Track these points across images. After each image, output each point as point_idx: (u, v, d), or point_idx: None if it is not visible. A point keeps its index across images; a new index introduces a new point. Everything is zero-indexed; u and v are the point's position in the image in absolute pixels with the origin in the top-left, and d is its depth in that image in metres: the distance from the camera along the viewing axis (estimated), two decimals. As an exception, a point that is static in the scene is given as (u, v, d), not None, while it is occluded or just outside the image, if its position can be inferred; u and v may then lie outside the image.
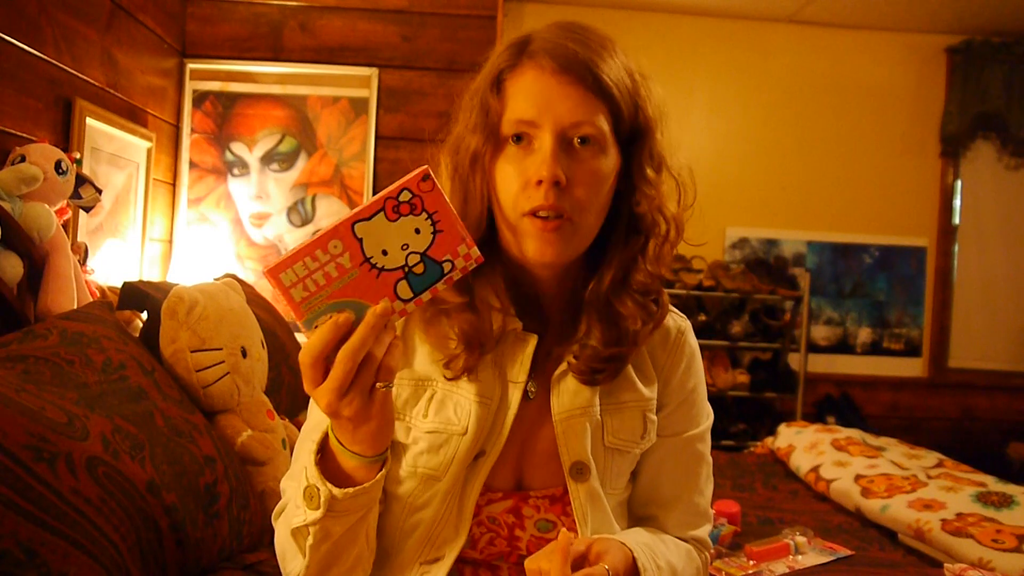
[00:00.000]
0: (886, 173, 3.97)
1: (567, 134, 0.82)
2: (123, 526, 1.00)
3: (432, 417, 0.87)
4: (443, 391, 0.87)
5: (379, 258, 0.66)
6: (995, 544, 1.52)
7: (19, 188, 1.49)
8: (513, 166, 0.83)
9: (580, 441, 0.88)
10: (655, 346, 0.94)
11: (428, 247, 0.67)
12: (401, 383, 0.87)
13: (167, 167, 2.66)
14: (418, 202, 0.66)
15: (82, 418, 1.04)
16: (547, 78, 0.82)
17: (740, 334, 3.63)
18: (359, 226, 0.65)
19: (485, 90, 0.85)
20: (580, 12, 3.77)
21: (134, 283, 1.62)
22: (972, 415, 4.01)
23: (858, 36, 3.94)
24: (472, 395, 0.86)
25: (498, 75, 0.85)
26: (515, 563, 0.90)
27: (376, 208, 0.65)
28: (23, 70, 1.73)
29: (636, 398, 0.92)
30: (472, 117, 0.86)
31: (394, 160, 2.77)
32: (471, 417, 0.86)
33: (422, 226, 0.67)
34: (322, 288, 0.65)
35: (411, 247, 0.67)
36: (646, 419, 0.92)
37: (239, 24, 2.75)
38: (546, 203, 0.80)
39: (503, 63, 0.85)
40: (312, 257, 0.63)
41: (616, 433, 0.90)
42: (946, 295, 4.03)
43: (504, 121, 0.84)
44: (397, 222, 0.66)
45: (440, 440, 0.86)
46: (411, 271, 0.68)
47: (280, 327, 2.03)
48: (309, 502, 0.74)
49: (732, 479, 2.23)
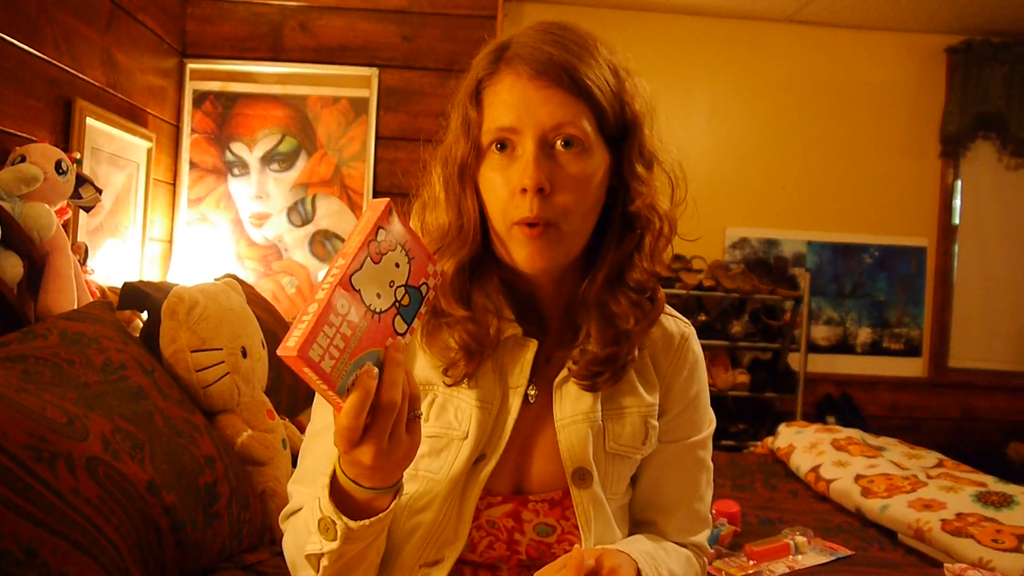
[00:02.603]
0: (886, 173, 3.97)
1: (548, 138, 0.81)
2: (123, 526, 1.00)
3: (433, 421, 0.87)
4: (444, 396, 0.88)
5: (376, 302, 0.67)
6: (995, 544, 1.52)
7: (19, 188, 1.49)
8: (499, 175, 0.83)
9: (583, 447, 0.87)
10: (658, 352, 0.94)
11: (408, 277, 0.69)
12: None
13: (167, 167, 2.66)
14: (391, 236, 0.68)
15: (82, 418, 1.04)
16: (524, 83, 0.81)
17: (740, 334, 3.63)
18: (355, 278, 0.65)
19: (465, 101, 0.86)
20: (580, 12, 3.77)
21: (134, 283, 1.62)
22: (972, 415, 4.00)
23: (858, 36, 3.94)
24: (473, 400, 0.87)
25: (476, 85, 0.85)
26: (514, 567, 0.90)
27: (363, 256, 0.66)
28: (23, 70, 1.73)
29: (638, 403, 0.91)
30: (457, 128, 0.87)
31: (394, 160, 2.77)
32: (472, 422, 0.86)
33: (400, 260, 0.69)
34: (343, 351, 0.64)
35: (396, 282, 0.69)
36: (647, 425, 0.92)
37: (239, 24, 2.75)
38: (531, 214, 0.80)
39: (481, 72, 0.85)
40: (328, 324, 0.62)
41: (617, 439, 0.90)
42: (946, 295, 4.03)
43: (484, 131, 0.84)
44: (380, 263, 0.67)
45: (441, 444, 0.87)
46: (400, 304, 0.69)
47: (280, 327, 2.03)
48: (325, 534, 0.74)
49: (732, 479, 2.23)
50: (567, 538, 0.89)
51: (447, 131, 0.90)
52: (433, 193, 0.90)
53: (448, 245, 0.87)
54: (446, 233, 0.88)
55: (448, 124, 0.90)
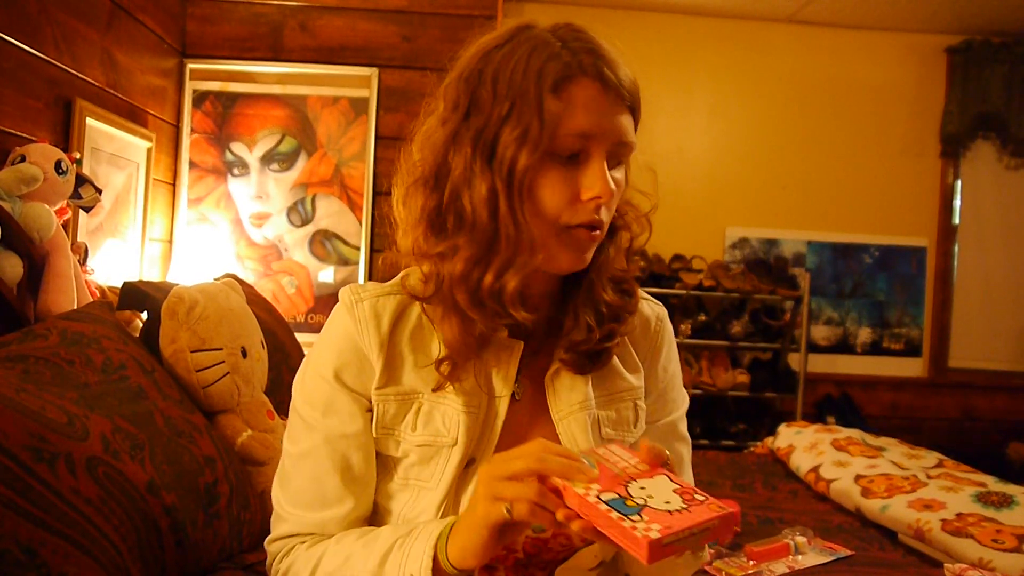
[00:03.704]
0: (886, 173, 3.97)
1: (612, 151, 0.82)
2: (123, 526, 1.00)
3: (421, 430, 0.86)
4: (430, 403, 0.87)
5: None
6: (995, 544, 1.52)
7: (19, 188, 1.49)
8: (563, 177, 0.81)
9: (584, 436, 0.88)
10: (637, 336, 0.97)
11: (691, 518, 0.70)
12: (387, 399, 0.87)
13: (167, 167, 2.66)
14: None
15: (82, 418, 1.04)
16: (601, 94, 0.80)
17: (740, 334, 3.63)
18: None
19: (539, 95, 0.79)
20: (580, 12, 3.77)
21: (134, 283, 1.62)
22: (972, 415, 4.01)
23: (858, 36, 3.94)
24: (460, 405, 0.86)
25: (553, 82, 0.80)
26: (511, 566, 0.90)
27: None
28: (23, 70, 1.73)
29: (627, 387, 0.94)
30: (519, 122, 0.79)
31: (394, 160, 2.76)
32: (460, 428, 0.85)
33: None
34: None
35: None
36: (637, 407, 0.95)
37: (239, 24, 2.75)
38: (596, 218, 0.82)
39: (560, 72, 0.80)
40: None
41: (611, 424, 0.92)
42: (946, 295, 4.03)
43: (563, 132, 0.79)
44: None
45: (431, 453, 0.86)
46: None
47: (280, 327, 2.03)
48: None
49: (732, 479, 2.22)
50: (563, 531, 0.89)
51: (486, 118, 0.81)
52: (453, 185, 0.82)
53: (498, 254, 0.81)
54: (483, 240, 0.81)
55: (488, 112, 0.81)
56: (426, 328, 0.88)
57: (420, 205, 0.86)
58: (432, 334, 0.88)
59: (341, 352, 0.87)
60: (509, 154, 0.79)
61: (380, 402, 0.86)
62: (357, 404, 0.87)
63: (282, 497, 0.91)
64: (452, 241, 0.83)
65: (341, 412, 0.87)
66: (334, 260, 2.80)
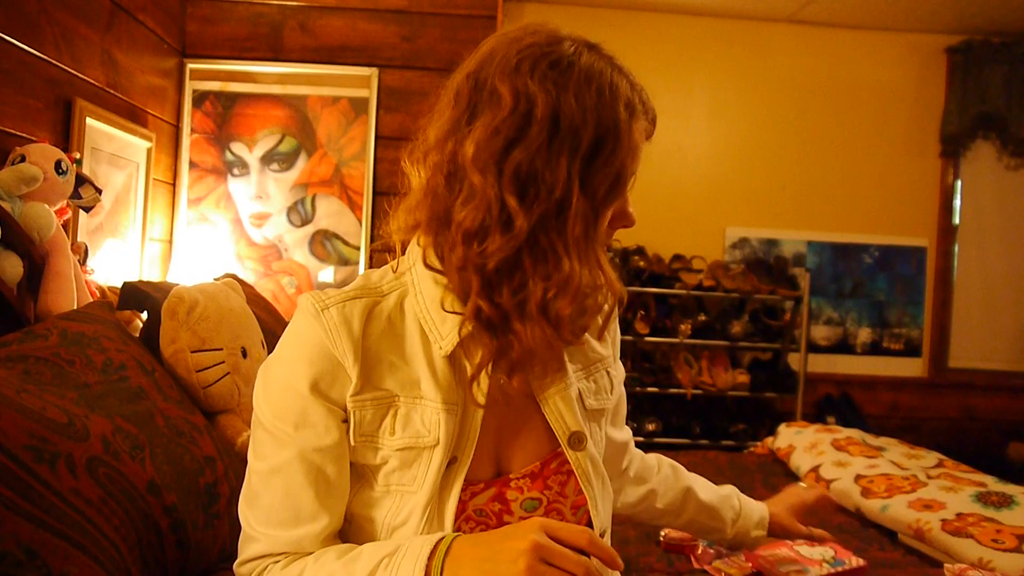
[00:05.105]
0: (886, 173, 3.97)
1: None
2: (123, 526, 1.00)
3: (400, 433, 0.84)
4: (407, 405, 0.84)
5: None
6: (995, 544, 1.52)
7: (19, 188, 1.49)
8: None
9: (571, 412, 0.90)
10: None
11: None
12: (364, 405, 0.84)
13: (167, 167, 2.66)
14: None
15: (82, 418, 1.04)
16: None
17: (740, 334, 3.63)
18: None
19: (644, 124, 0.86)
20: (580, 12, 3.77)
21: (134, 283, 1.62)
22: (972, 415, 4.01)
23: (858, 36, 3.94)
24: (438, 403, 0.84)
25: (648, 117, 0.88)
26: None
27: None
28: (23, 70, 1.73)
29: (598, 357, 0.98)
30: (633, 143, 0.84)
31: (394, 160, 2.77)
32: (440, 427, 0.83)
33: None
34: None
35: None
36: (610, 375, 1.00)
37: (239, 24, 2.75)
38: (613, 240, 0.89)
39: (650, 112, 0.87)
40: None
41: (592, 395, 0.96)
42: (946, 295, 4.03)
43: (636, 162, 0.86)
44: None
45: (412, 456, 0.84)
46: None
47: (280, 327, 2.03)
48: None
49: (732, 479, 2.22)
50: (554, 507, 0.90)
51: (613, 135, 0.81)
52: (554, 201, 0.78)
53: (600, 295, 0.86)
54: (594, 284, 0.84)
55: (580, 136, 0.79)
56: (396, 328, 0.86)
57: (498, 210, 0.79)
58: (404, 333, 0.86)
59: (313, 362, 0.82)
60: (603, 190, 0.81)
61: (356, 409, 0.83)
62: (332, 415, 0.83)
63: (251, 516, 0.85)
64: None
65: (316, 424, 0.83)
66: (334, 260, 2.80)
